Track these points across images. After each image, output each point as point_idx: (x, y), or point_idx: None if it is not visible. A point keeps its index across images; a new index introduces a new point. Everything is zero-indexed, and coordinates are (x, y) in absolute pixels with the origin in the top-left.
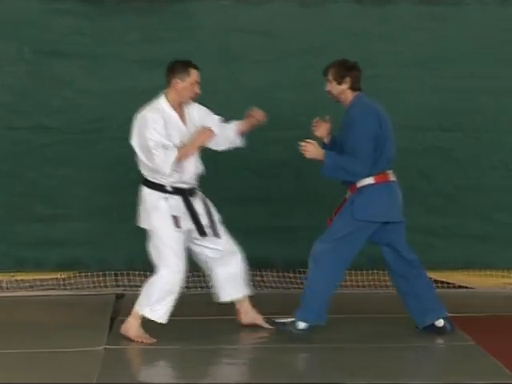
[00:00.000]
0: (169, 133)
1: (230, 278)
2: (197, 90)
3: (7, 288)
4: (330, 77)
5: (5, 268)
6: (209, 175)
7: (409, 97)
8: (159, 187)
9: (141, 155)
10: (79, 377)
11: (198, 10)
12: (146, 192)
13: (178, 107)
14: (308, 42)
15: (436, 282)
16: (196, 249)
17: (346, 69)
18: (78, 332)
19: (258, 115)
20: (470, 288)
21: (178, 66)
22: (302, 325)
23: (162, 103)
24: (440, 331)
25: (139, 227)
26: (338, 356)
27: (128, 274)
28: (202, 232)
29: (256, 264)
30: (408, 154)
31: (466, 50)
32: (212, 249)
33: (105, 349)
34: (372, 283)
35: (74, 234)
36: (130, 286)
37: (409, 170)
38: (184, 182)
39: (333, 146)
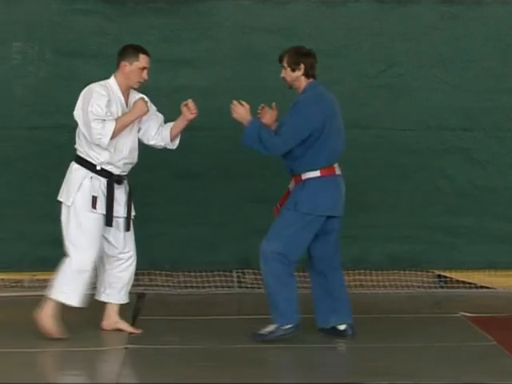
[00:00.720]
0: (112, 110)
1: (115, 281)
2: (144, 75)
3: (29, 287)
4: (285, 63)
5: (26, 267)
6: (225, 175)
7: (430, 96)
8: (89, 165)
9: (81, 127)
10: (101, 376)
11: (218, 10)
12: (74, 167)
13: (125, 91)
14: (329, 42)
15: (458, 281)
16: None
17: (300, 55)
18: (98, 331)
19: (192, 108)
20: (492, 288)
21: (128, 50)
22: (287, 325)
23: (110, 82)
24: (341, 334)
25: (159, 226)
26: (358, 356)
27: (149, 274)
28: (108, 221)
29: None
30: (429, 154)
31: (487, 50)
32: (111, 245)
33: (126, 348)
34: (393, 283)
35: None
36: (151, 286)
37: (429, 169)
38: (114, 166)
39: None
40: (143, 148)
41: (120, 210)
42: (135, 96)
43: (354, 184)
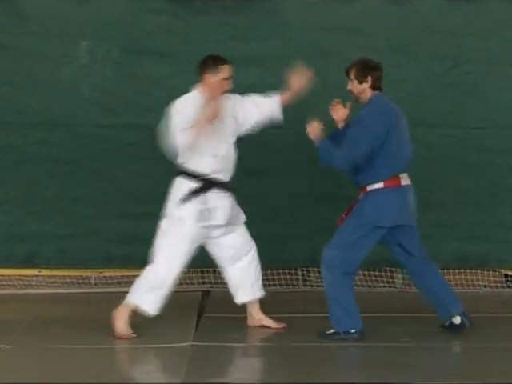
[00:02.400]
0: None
1: (244, 279)
2: (228, 85)
3: (95, 284)
4: (352, 76)
5: (93, 264)
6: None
7: (498, 94)
8: (192, 177)
9: (171, 138)
10: (166, 373)
11: (286, 8)
12: (178, 181)
13: None
14: (396, 40)
15: None
16: (213, 247)
17: (368, 68)
18: (164, 328)
19: (302, 75)
20: None
21: (210, 62)
22: (352, 330)
23: (195, 95)
24: (458, 327)
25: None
26: (424, 356)
27: (214, 271)
28: (209, 229)
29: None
30: (498, 152)
31: None
32: (232, 247)
33: (191, 345)
34: (459, 283)
35: None
36: (217, 283)
37: (499, 167)
38: (216, 174)
39: (341, 134)
40: None
41: (223, 216)
42: (228, 103)
43: (422, 183)
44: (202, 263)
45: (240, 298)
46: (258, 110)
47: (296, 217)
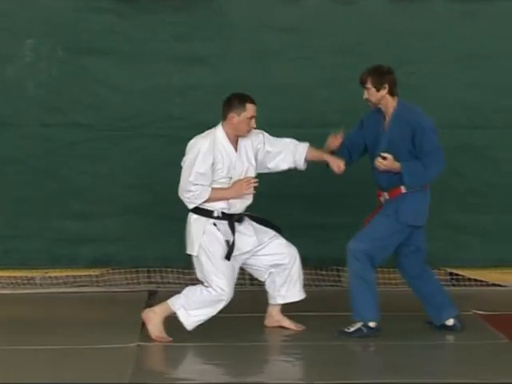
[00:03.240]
0: (218, 165)
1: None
2: (253, 124)
3: (41, 284)
4: (369, 84)
5: (39, 264)
6: None
7: (442, 94)
8: (206, 213)
9: (182, 178)
10: (112, 374)
11: (232, 8)
12: (193, 218)
13: (234, 140)
14: (341, 40)
15: (470, 279)
16: (254, 262)
17: (383, 74)
18: (110, 329)
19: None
20: (504, 286)
21: (235, 101)
22: (372, 323)
23: (218, 133)
24: (450, 329)
25: (172, 224)
26: (371, 354)
27: (161, 271)
28: (227, 256)
29: None
30: (444, 152)
31: (499, 47)
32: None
33: (138, 346)
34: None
35: (108, 230)
36: (163, 283)
37: (446, 167)
38: (231, 209)
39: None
40: (155, 145)
41: (251, 241)
42: (246, 140)
43: (372, 183)
44: (148, 263)
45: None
46: (282, 156)
47: None
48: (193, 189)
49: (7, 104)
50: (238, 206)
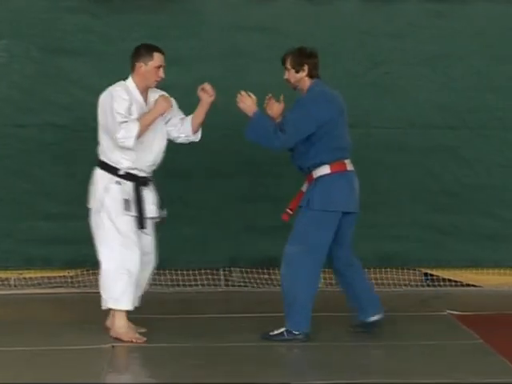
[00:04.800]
0: (133, 112)
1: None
2: (161, 73)
3: (15, 285)
4: (288, 65)
5: (13, 265)
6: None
7: (416, 95)
8: (113, 170)
9: (106, 132)
10: (86, 375)
11: (205, 8)
12: (99, 173)
13: (144, 91)
14: (315, 40)
15: (444, 280)
16: None
17: (304, 56)
18: (85, 330)
19: (209, 90)
20: (478, 286)
21: (142, 50)
22: (296, 331)
23: (128, 84)
24: (373, 325)
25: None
26: (346, 354)
27: None
28: (140, 224)
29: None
30: (415, 152)
31: (472, 48)
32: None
33: (112, 346)
34: (380, 282)
35: (82, 231)
36: None
37: (416, 167)
38: (138, 169)
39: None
40: None
41: (153, 209)
42: (154, 95)
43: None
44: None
45: None
46: (180, 129)
47: (218, 218)
48: (122, 126)
49: None
50: (145, 167)
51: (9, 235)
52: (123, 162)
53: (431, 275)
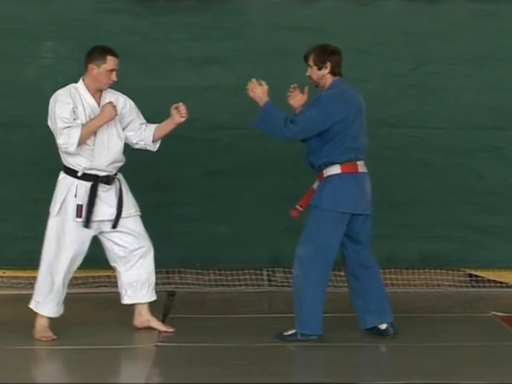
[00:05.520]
0: (79, 115)
1: (134, 281)
2: (113, 77)
3: None
4: (311, 62)
5: None
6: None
7: (461, 95)
8: (72, 172)
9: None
10: (130, 374)
11: (248, 8)
12: (61, 176)
13: (96, 93)
14: (359, 40)
15: (488, 281)
16: (106, 244)
17: (326, 54)
18: (129, 329)
19: (182, 111)
20: None
21: (96, 52)
22: (307, 333)
23: (78, 86)
24: (381, 333)
25: (189, 225)
26: (389, 355)
27: (179, 272)
28: (85, 224)
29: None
30: (460, 153)
31: None
32: (120, 246)
33: (156, 346)
34: (424, 282)
35: None
36: (182, 284)
37: (461, 168)
38: (97, 169)
39: None
40: (171, 145)
41: (109, 211)
42: (110, 95)
43: (385, 182)
44: (166, 264)
45: (127, 299)
46: (140, 135)
47: (259, 217)
48: (64, 132)
49: (25, 105)
50: (104, 167)
51: None
52: (80, 164)
53: (476, 276)
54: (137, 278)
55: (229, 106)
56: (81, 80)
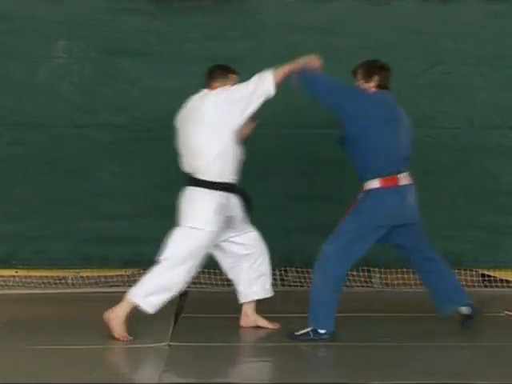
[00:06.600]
0: None
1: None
2: None
3: (73, 284)
4: (359, 76)
5: (71, 264)
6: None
7: (474, 95)
8: (206, 183)
9: (233, 117)
10: (143, 374)
11: (262, 8)
12: (191, 189)
13: None
14: (373, 40)
15: (501, 281)
16: (224, 246)
17: (374, 68)
18: (141, 328)
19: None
20: None
21: (218, 71)
22: (322, 330)
23: None
24: (466, 317)
25: None
26: (402, 354)
27: None
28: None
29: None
30: (474, 152)
31: None
32: (239, 244)
33: (169, 345)
34: None
35: (140, 231)
36: (194, 283)
37: (474, 168)
38: (227, 177)
39: None
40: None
41: (235, 210)
42: None
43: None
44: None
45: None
46: None
47: (272, 218)
48: (251, 83)
49: (40, 105)
50: (233, 167)
51: (67, 234)
52: (216, 173)
53: (488, 276)
54: (260, 273)
55: None
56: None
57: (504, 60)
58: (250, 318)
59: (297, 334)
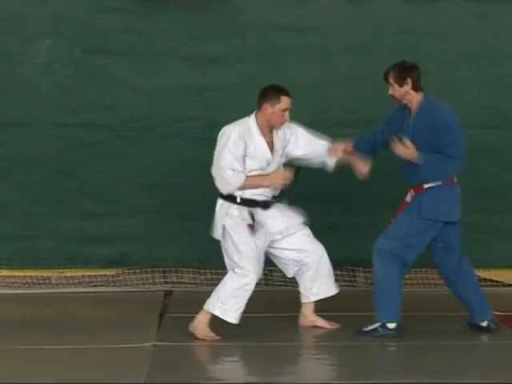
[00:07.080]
0: (249, 153)
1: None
2: (286, 117)
3: (56, 284)
4: (391, 80)
5: (54, 264)
6: None
7: (457, 94)
8: (231, 198)
9: (214, 168)
10: (128, 373)
11: (246, 7)
12: (219, 203)
13: (267, 131)
14: (355, 40)
15: (485, 280)
16: (275, 252)
17: (405, 69)
18: (126, 329)
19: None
20: None
21: (270, 92)
22: (391, 325)
23: (250, 123)
24: (484, 330)
25: (188, 224)
26: (393, 354)
27: (176, 271)
28: (251, 228)
29: None
30: None
31: None
32: (292, 250)
33: (154, 345)
34: (421, 282)
35: (123, 230)
36: (179, 283)
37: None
38: (256, 195)
39: (364, 144)
40: (169, 144)
41: (276, 223)
42: (285, 132)
43: (380, 181)
44: (164, 263)
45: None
46: (310, 148)
47: None
48: (228, 173)
49: (23, 104)
50: (260, 192)
51: (51, 234)
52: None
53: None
54: (318, 273)
55: (228, 105)
56: (253, 117)
57: (486, 60)
58: (308, 318)
59: (365, 330)
